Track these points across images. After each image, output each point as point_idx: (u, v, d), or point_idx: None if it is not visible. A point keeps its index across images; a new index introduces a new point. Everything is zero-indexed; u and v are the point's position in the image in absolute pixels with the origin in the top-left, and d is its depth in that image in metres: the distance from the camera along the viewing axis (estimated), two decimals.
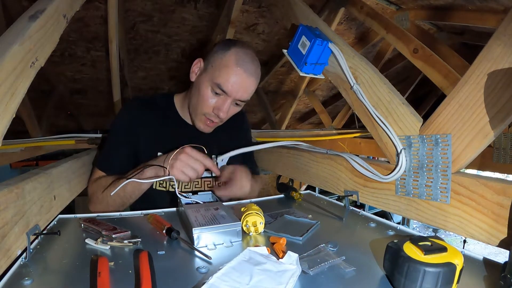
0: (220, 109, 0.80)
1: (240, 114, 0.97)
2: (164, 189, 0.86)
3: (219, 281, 0.38)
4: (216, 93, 0.79)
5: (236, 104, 0.83)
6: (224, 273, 0.40)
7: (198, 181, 0.92)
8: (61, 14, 0.64)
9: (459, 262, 0.37)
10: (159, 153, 0.86)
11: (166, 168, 0.71)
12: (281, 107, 2.76)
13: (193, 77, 0.86)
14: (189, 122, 0.93)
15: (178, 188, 0.77)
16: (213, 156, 0.93)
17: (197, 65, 0.85)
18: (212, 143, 0.90)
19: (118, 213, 0.68)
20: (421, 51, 1.40)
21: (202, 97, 0.81)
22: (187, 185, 0.90)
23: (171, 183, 0.86)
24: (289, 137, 1.69)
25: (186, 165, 0.72)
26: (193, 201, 0.70)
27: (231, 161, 0.96)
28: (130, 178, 0.72)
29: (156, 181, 0.83)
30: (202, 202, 0.69)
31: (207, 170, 0.76)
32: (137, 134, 0.87)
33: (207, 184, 0.94)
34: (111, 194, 0.73)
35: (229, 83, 0.77)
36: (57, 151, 1.51)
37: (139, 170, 0.75)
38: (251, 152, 1.11)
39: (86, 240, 0.52)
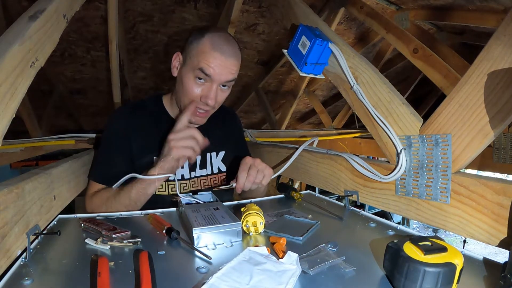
0: (208, 96, 0.79)
1: (231, 111, 0.96)
2: (164, 192, 0.85)
3: (219, 281, 0.38)
4: (200, 79, 0.78)
5: (223, 87, 0.82)
6: (224, 273, 0.40)
7: (195, 180, 0.91)
8: (61, 14, 0.64)
9: (459, 262, 0.37)
10: (155, 158, 0.85)
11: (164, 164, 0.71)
12: (281, 107, 2.76)
13: (174, 72, 0.85)
14: None
15: (178, 189, 0.76)
16: (207, 154, 0.92)
17: (176, 59, 0.84)
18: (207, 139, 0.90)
19: (118, 213, 0.68)
20: (421, 51, 1.40)
21: (186, 88, 0.80)
22: (186, 186, 0.89)
23: (171, 187, 0.85)
24: (289, 137, 1.69)
25: (180, 140, 0.72)
26: (193, 201, 0.70)
27: (226, 154, 0.97)
28: (134, 183, 0.73)
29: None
30: (202, 202, 0.69)
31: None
32: (129, 140, 0.85)
33: (213, 181, 0.94)
34: (113, 187, 0.73)
35: (210, 67, 0.76)
36: (57, 151, 1.51)
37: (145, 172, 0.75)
38: (246, 144, 1.11)
39: (86, 240, 0.52)
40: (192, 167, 0.90)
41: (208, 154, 0.93)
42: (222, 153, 0.97)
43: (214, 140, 0.94)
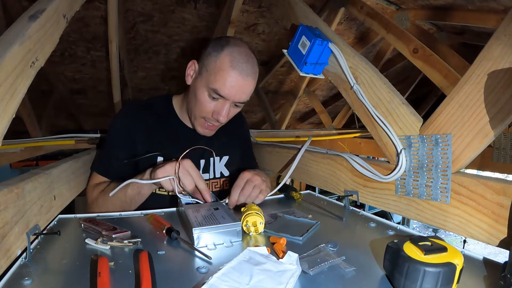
0: (220, 113, 0.78)
1: (239, 115, 0.94)
2: (164, 192, 0.85)
3: (219, 281, 0.38)
4: (214, 98, 0.77)
5: (236, 105, 0.81)
6: (224, 273, 0.40)
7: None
8: (61, 14, 0.64)
9: (459, 262, 0.37)
10: (159, 158, 0.85)
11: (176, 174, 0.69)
12: (281, 107, 2.76)
13: (188, 80, 0.83)
14: (188, 124, 0.91)
15: (176, 189, 0.76)
16: (210, 158, 0.92)
17: (191, 68, 0.82)
18: (212, 145, 0.89)
19: (118, 213, 0.68)
20: (421, 51, 1.40)
21: (199, 102, 0.78)
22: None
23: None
24: (289, 137, 1.70)
25: (182, 176, 0.69)
26: (193, 201, 0.70)
27: (230, 159, 0.97)
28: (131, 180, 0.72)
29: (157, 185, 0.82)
30: (202, 202, 0.69)
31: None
32: (134, 138, 0.85)
33: (214, 185, 0.94)
34: (110, 194, 0.73)
35: (226, 87, 0.74)
36: (57, 151, 1.51)
37: (142, 174, 0.75)
38: (251, 148, 1.11)
39: (86, 240, 0.52)
40: None
41: (211, 159, 0.92)
42: (225, 158, 0.96)
43: (218, 145, 0.93)
